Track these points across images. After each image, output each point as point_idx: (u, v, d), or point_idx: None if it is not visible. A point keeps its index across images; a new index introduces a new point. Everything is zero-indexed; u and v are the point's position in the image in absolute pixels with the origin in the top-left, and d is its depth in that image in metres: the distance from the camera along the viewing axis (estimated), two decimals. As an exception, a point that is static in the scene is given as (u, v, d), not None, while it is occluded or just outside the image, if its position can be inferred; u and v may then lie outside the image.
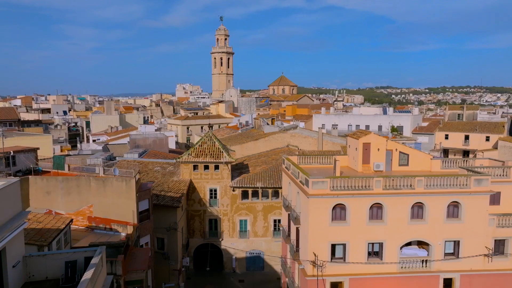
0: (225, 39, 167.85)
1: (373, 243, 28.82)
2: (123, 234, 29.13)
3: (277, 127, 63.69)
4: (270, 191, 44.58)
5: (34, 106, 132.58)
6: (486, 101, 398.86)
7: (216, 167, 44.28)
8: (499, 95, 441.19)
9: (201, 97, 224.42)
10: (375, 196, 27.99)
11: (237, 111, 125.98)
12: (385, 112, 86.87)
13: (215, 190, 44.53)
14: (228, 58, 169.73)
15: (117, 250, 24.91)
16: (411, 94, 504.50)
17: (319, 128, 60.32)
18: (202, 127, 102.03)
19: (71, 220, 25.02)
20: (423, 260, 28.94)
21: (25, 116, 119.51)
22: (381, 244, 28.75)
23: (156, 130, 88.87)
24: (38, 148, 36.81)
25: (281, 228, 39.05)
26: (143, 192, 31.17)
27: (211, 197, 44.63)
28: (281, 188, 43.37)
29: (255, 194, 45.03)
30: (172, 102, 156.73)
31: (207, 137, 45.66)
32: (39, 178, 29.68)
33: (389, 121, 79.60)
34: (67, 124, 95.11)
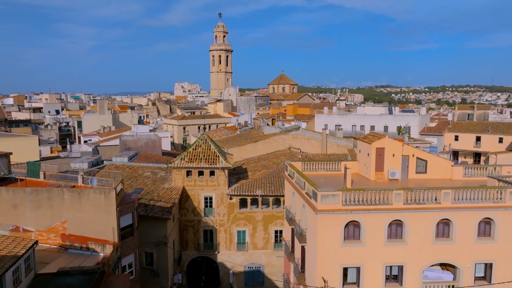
0: (224, 36, 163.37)
1: (391, 266, 24.81)
2: (102, 254, 25.16)
3: (278, 128, 59.70)
4: (271, 199, 40.60)
5: (26, 105, 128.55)
6: (487, 100, 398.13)
7: (212, 173, 40.28)
8: (499, 94, 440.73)
9: (200, 96, 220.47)
10: (394, 212, 23.99)
11: (235, 110, 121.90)
12: (390, 112, 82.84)
13: (211, 198, 40.52)
14: (227, 56, 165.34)
15: (90, 278, 20.92)
16: (411, 93, 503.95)
17: (323, 129, 56.37)
18: (199, 127, 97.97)
19: (35, 243, 20.98)
20: (449, 286, 24.97)
21: (16, 115, 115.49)
22: (400, 267, 24.75)
23: (151, 130, 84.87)
24: (10, 153, 32.65)
25: (283, 243, 35.10)
26: (126, 205, 27.14)
27: (206, 206, 40.62)
28: (283, 196, 39.45)
29: (254, 202, 41.08)
30: (170, 101, 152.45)
31: (201, 139, 41.65)
32: (4, 189, 25.65)
33: (397, 121, 75.73)
34: (58, 124, 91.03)
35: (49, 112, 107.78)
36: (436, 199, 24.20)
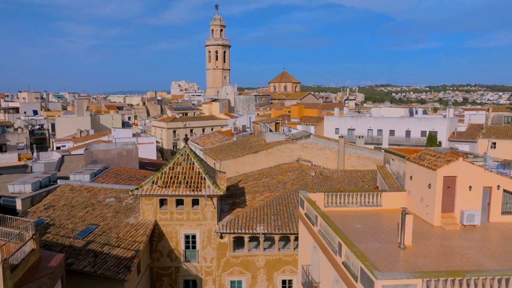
0: (221, 30, 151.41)
1: None
2: None
3: (283, 134, 48.50)
4: (276, 237, 29.41)
5: (3, 104, 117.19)
6: (488, 99, 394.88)
7: (195, 202, 29.11)
8: (500, 93, 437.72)
9: (197, 95, 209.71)
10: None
11: (233, 111, 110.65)
12: (412, 114, 71.69)
13: (194, 237, 29.33)
14: (224, 52, 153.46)
15: None
16: (411, 92, 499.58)
17: (339, 137, 45.23)
18: (191, 130, 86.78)
19: None
20: None
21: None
22: None
23: (135, 135, 73.72)
24: None
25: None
26: (35, 282, 15.88)
27: (187, 248, 29.43)
28: (293, 234, 28.42)
29: (253, 239, 29.92)
30: (161, 101, 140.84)
31: (182, 155, 30.42)
32: None
33: (420, 125, 64.53)
34: (30, 126, 79.64)
35: (25, 112, 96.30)
36: None
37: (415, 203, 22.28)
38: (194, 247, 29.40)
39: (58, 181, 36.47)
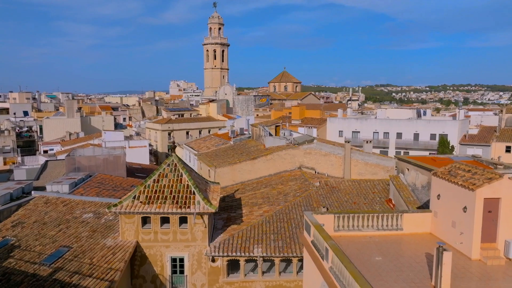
0: (219, 28, 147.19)
1: None
2: None
3: (284, 138, 44.67)
4: (277, 260, 25.58)
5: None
6: (489, 99, 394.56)
7: (183, 220, 25.26)
8: (501, 93, 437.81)
9: (195, 95, 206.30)
10: None
11: (231, 112, 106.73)
12: (420, 116, 67.84)
13: (181, 261, 25.49)
14: (223, 51, 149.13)
15: None
16: (411, 92, 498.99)
17: (345, 142, 41.35)
18: (187, 133, 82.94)
19: None
20: None
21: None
22: None
23: (127, 137, 69.91)
24: None
25: None
26: None
27: (174, 273, 25.58)
28: (296, 256, 24.64)
29: (250, 261, 26.09)
30: (157, 101, 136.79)
31: (169, 165, 26.53)
32: None
33: (430, 127, 60.68)
34: (17, 128, 75.74)
35: (14, 114, 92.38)
36: None
37: (445, 228, 18.42)
38: (182, 272, 25.54)
39: (33, 192, 32.60)
